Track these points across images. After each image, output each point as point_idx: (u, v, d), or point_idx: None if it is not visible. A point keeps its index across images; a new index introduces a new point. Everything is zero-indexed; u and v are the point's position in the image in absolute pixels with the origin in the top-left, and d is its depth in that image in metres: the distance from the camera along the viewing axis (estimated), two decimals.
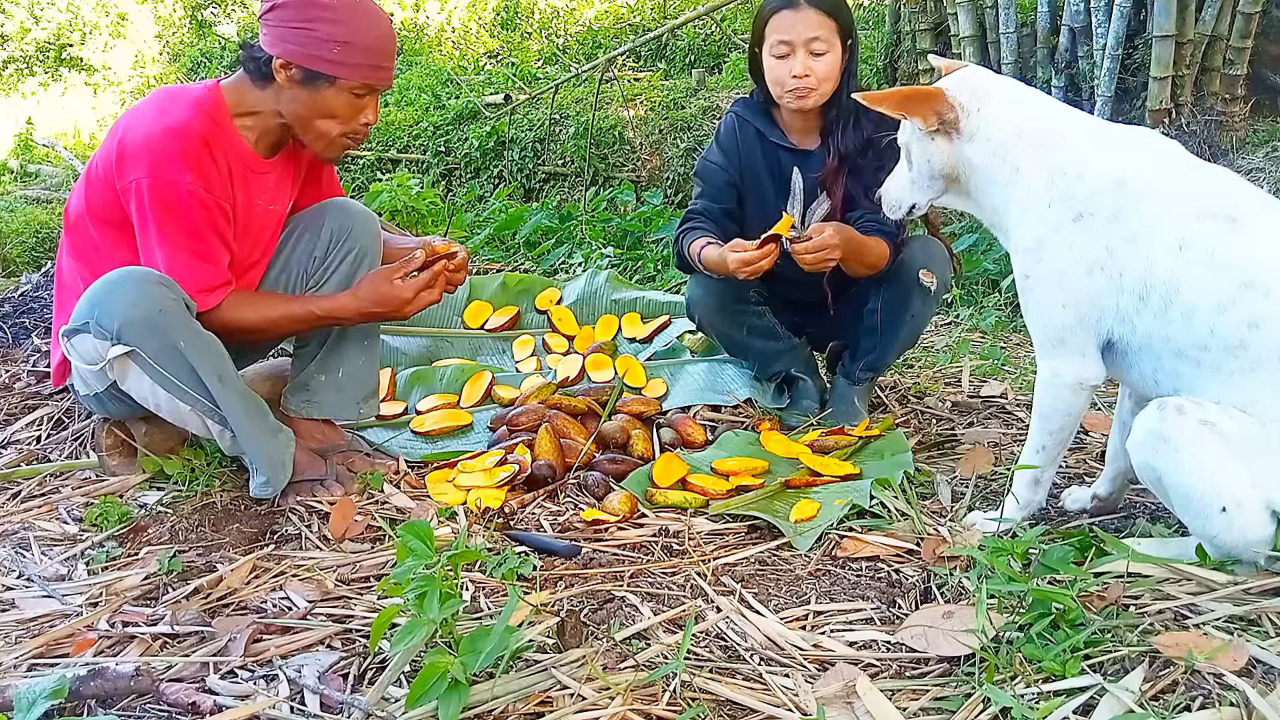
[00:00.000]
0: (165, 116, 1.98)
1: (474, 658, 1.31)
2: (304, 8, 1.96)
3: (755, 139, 2.51)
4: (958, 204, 1.94)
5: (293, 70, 1.98)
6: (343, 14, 1.97)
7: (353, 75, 2.00)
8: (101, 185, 2.03)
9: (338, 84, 2.00)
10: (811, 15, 2.30)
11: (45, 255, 4.45)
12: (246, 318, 2.10)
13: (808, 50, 2.31)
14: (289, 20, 1.96)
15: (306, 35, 1.96)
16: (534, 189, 6.19)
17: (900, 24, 5.05)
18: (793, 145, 2.48)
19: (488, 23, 10.53)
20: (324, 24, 1.96)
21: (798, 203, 2.48)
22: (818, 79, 2.33)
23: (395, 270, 2.14)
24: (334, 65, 1.98)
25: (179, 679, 1.47)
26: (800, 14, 2.31)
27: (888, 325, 2.46)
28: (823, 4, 2.31)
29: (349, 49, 1.97)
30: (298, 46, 1.96)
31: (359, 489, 2.18)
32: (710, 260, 2.37)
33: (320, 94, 2.01)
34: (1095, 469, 2.21)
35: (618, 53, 5.87)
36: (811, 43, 2.31)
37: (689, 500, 2.10)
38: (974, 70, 1.87)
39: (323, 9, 1.96)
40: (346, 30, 1.97)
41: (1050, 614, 1.40)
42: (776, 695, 1.38)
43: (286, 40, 1.97)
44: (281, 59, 1.97)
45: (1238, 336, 1.56)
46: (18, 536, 1.99)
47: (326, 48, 1.96)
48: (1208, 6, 4.07)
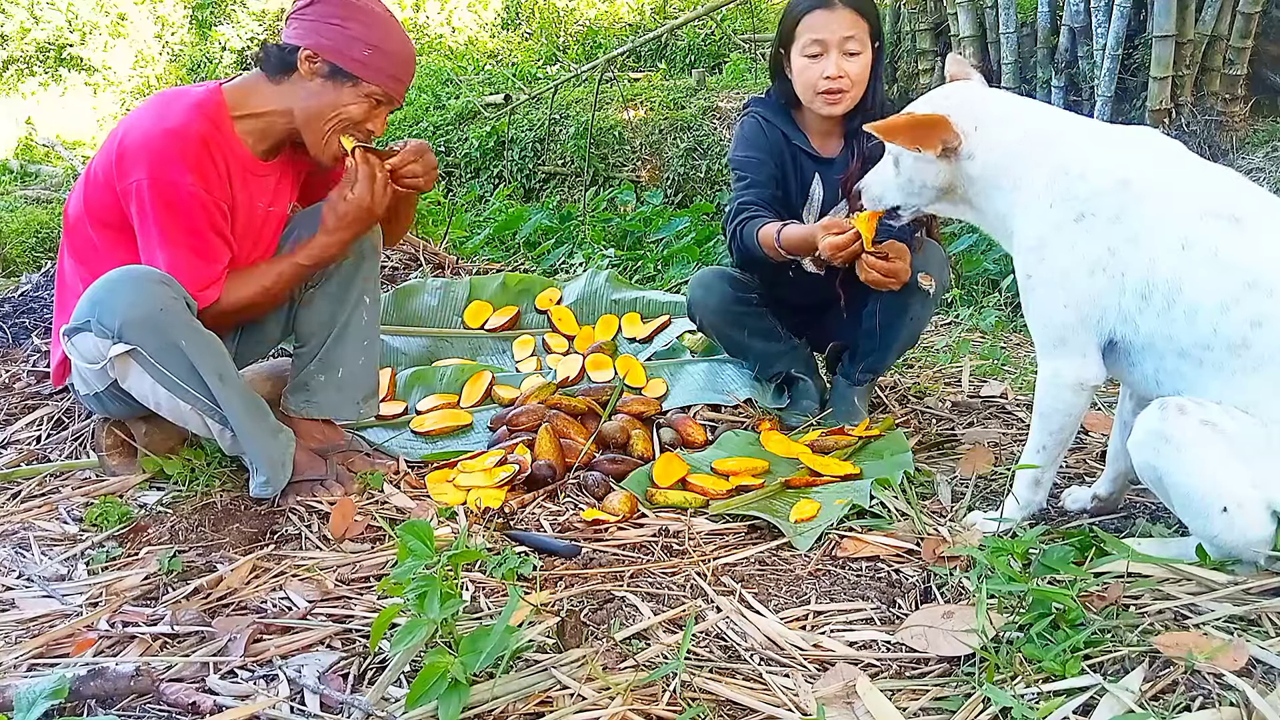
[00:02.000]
0: (165, 118, 1.99)
1: (474, 658, 1.31)
2: (343, 6, 2.04)
3: (783, 140, 2.47)
4: (950, 212, 1.94)
5: (318, 63, 2.04)
6: (378, 21, 2.07)
7: (375, 79, 2.07)
8: (101, 187, 2.03)
9: (359, 85, 2.06)
10: (846, 15, 2.27)
11: (45, 255, 4.45)
12: (243, 294, 2.11)
13: (842, 51, 2.28)
14: (326, 16, 2.04)
15: (340, 32, 2.03)
16: (534, 189, 6.20)
17: (900, 24, 5.05)
18: (815, 151, 2.46)
19: (488, 23, 10.53)
20: (360, 25, 2.04)
21: (814, 212, 2.48)
22: (851, 81, 2.31)
23: (341, 188, 2.13)
24: (360, 65, 2.04)
25: (179, 679, 1.47)
26: (835, 13, 2.27)
27: (887, 327, 2.46)
28: (857, 3, 2.29)
29: (378, 53, 2.05)
30: (329, 41, 2.03)
31: (359, 489, 2.18)
32: (793, 239, 2.26)
33: (339, 90, 2.06)
34: (1095, 469, 2.21)
35: (617, 53, 5.87)
36: (846, 42, 2.28)
37: (689, 500, 2.10)
38: (968, 89, 1.87)
39: (360, 11, 2.05)
40: (379, 36, 2.05)
41: (1050, 614, 1.40)
42: (776, 695, 1.38)
43: (319, 34, 2.03)
44: (310, 50, 2.03)
45: (1240, 336, 1.56)
46: (18, 536, 1.99)
47: (358, 47, 2.04)
48: (1208, 6, 4.07)
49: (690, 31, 7.62)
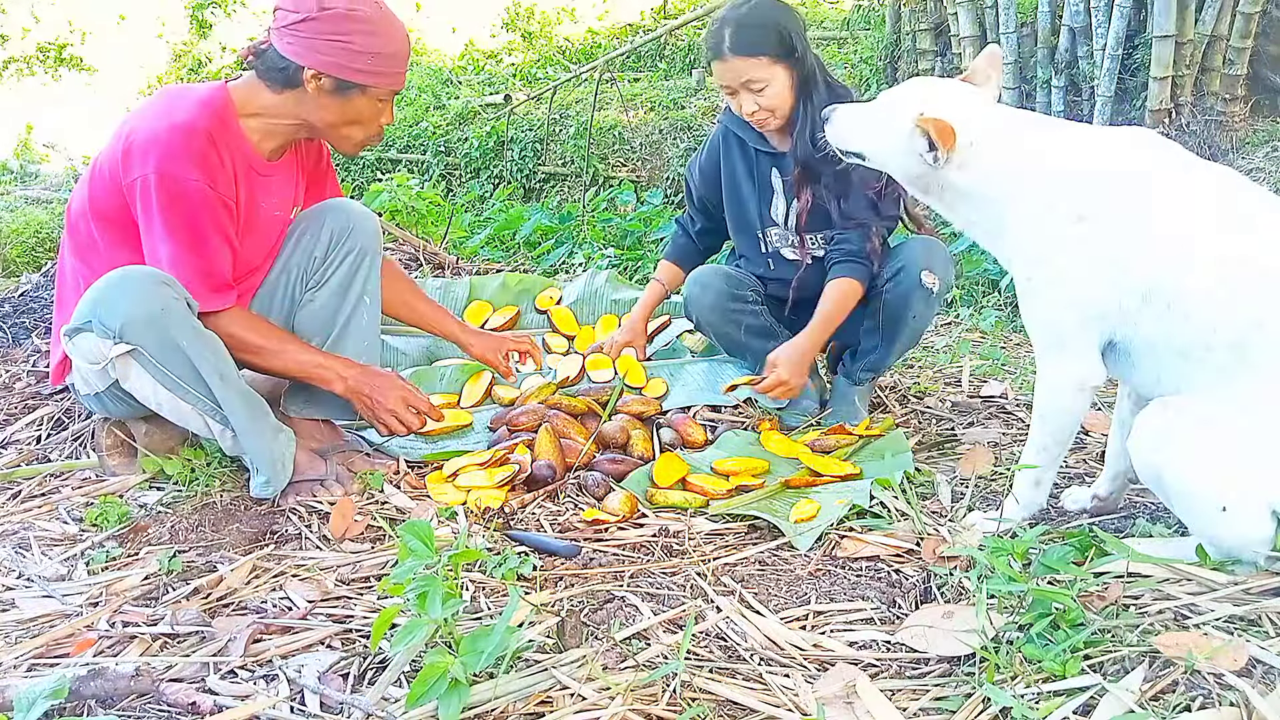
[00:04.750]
0: (172, 114, 1.99)
1: (474, 658, 1.31)
2: (337, 20, 1.98)
3: (738, 148, 2.59)
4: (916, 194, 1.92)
5: (324, 81, 2.02)
6: (372, 26, 2.02)
7: (381, 84, 2.06)
8: (106, 182, 2.03)
9: (368, 92, 2.05)
10: (736, 62, 2.35)
11: (45, 255, 4.45)
12: (246, 337, 2.10)
13: (746, 90, 2.37)
14: (324, 33, 1.98)
15: (342, 48, 1.99)
16: (534, 189, 6.20)
17: (900, 24, 5.05)
18: (770, 148, 2.54)
19: (488, 24, 10.53)
20: (360, 36, 1.99)
21: (782, 200, 2.53)
22: (767, 110, 2.39)
23: (410, 393, 2.23)
24: (367, 75, 2.03)
25: (179, 679, 1.47)
26: (727, 63, 2.37)
27: (889, 326, 2.46)
28: (745, 49, 2.33)
29: (379, 59, 2.03)
30: (332, 58, 1.99)
31: (359, 489, 2.18)
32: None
33: (350, 102, 2.06)
34: (1095, 469, 2.21)
35: (617, 53, 5.88)
36: (748, 84, 2.36)
37: (689, 500, 2.10)
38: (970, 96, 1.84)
39: (356, 22, 2.00)
40: (378, 42, 2.02)
41: (1050, 614, 1.40)
42: (776, 695, 1.38)
43: (321, 52, 1.99)
44: (314, 70, 2.00)
45: (1239, 335, 1.56)
46: (18, 536, 1.99)
47: (362, 59, 2.01)
48: (1208, 6, 4.07)
49: (690, 32, 7.62)
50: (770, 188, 2.55)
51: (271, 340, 2.14)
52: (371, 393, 2.19)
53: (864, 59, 5.36)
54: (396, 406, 2.20)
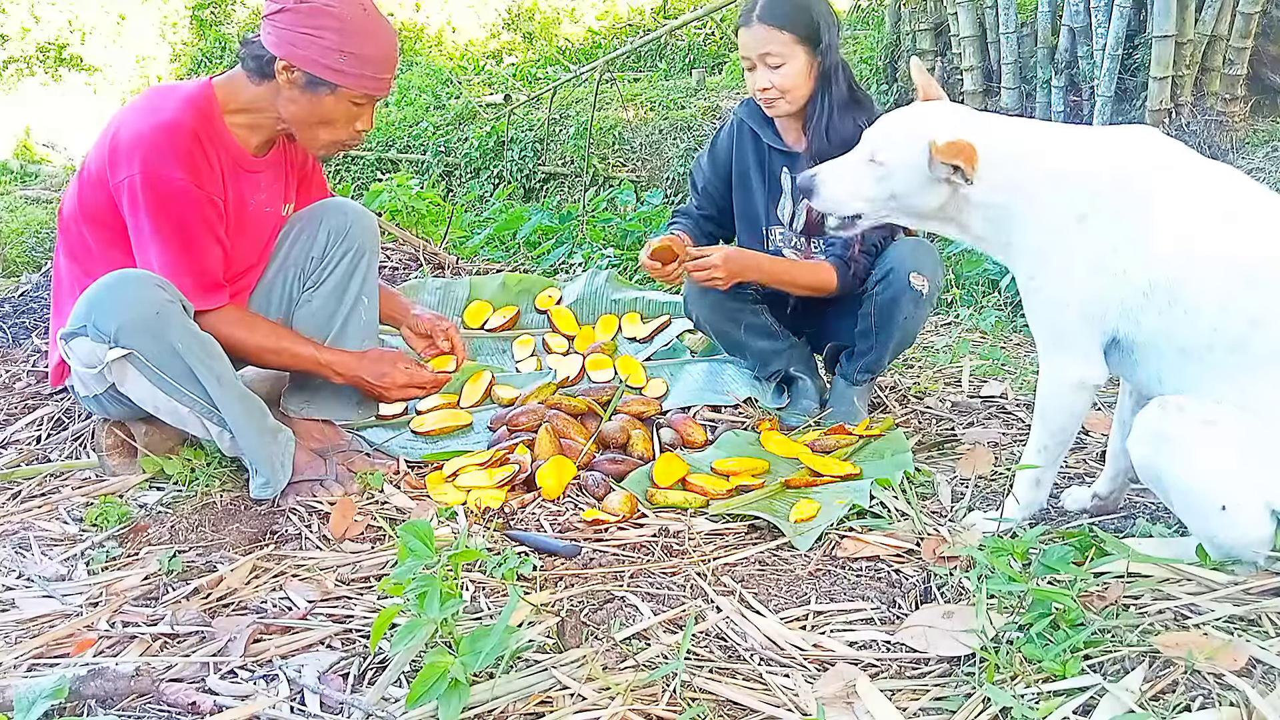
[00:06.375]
0: (156, 113, 1.98)
1: (474, 658, 1.31)
2: (314, 14, 1.94)
3: (750, 141, 2.57)
4: (920, 225, 1.88)
5: (295, 73, 1.98)
6: (351, 24, 1.96)
7: (354, 85, 2.00)
8: (94, 184, 2.02)
9: (338, 92, 2.00)
10: (760, 30, 2.34)
11: (45, 255, 4.45)
12: (245, 338, 2.10)
13: (763, 64, 2.36)
14: (298, 24, 1.95)
15: (314, 41, 1.95)
16: (534, 189, 6.20)
17: (900, 24, 5.05)
18: (784, 147, 2.52)
19: (488, 24, 10.53)
20: (332, 33, 1.95)
21: (789, 201, 2.52)
22: (779, 90, 2.38)
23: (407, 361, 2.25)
24: (337, 74, 1.97)
25: (179, 679, 1.47)
26: (751, 30, 2.36)
27: (881, 328, 2.46)
28: (774, 18, 2.33)
29: (353, 59, 1.97)
30: (303, 51, 1.95)
31: (359, 489, 2.18)
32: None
33: (320, 100, 2.01)
34: (1095, 469, 2.21)
35: (617, 54, 5.88)
36: (765, 57, 2.35)
37: (689, 500, 2.10)
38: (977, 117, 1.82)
39: (332, 18, 1.95)
40: (354, 41, 1.96)
41: (1050, 614, 1.40)
42: (776, 695, 1.38)
43: (293, 44, 1.95)
44: (285, 61, 1.96)
45: (1240, 334, 1.56)
46: (18, 536, 1.99)
47: (332, 56, 1.96)
48: (1208, 6, 4.07)
49: (690, 32, 7.62)
50: (779, 188, 2.54)
51: (268, 338, 2.14)
52: (376, 379, 2.20)
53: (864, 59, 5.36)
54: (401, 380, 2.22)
